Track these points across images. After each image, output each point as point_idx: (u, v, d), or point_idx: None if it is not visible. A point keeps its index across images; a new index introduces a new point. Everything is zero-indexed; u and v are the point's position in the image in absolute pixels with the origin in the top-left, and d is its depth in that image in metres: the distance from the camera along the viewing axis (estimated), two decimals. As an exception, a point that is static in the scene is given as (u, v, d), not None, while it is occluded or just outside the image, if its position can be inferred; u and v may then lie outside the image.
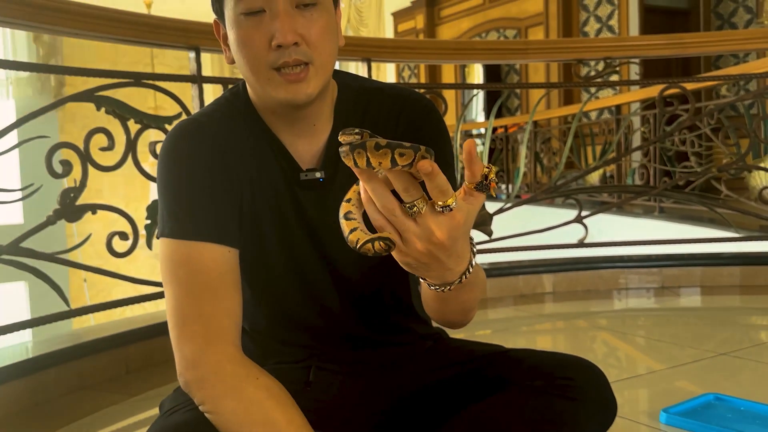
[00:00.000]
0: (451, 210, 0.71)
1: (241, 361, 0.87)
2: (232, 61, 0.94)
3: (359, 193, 0.74)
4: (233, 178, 0.94)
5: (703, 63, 7.12)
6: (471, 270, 0.80)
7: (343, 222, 0.74)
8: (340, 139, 0.70)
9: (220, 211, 0.92)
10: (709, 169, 3.38)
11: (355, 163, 0.68)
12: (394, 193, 0.71)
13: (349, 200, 0.74)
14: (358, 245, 0.72)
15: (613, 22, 7.47)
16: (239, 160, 0.95)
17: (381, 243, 0.71)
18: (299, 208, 0.98)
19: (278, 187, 0.97)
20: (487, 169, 0.70)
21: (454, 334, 1.14)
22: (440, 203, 0.70)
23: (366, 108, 1.01)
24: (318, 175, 0.98)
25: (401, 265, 0.77)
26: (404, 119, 1.00)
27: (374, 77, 2.44)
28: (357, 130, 0.70)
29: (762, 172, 3.57)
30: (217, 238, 0.90)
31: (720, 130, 3.45)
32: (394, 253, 0.74)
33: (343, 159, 0.69)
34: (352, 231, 0.73)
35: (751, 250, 2.99)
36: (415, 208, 0.70)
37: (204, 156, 0.93)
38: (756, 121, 3.59)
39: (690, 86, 3.05)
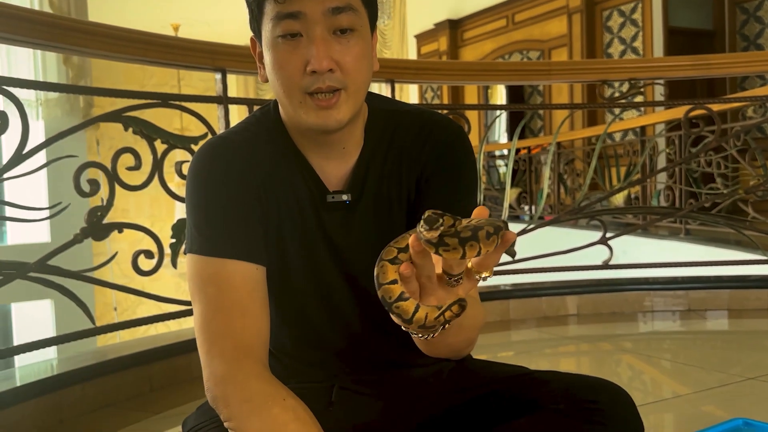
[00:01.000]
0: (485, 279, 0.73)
1: (269, 380, 0.87)
2: (266, 80, 0.95)
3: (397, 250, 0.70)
4: (260, 197, 0.95)
5: (729, 84, 7.07)
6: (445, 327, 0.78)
7: (391, 287, 0.69)
8: (423, 224, 0.65)
9: (248, 230, 0.93)
10: (735, 191, 3.34)
11: (437, 252, 0.64)
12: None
13: (392, 260, 0.69)
14: (427, 320, 0.68)
15: (638, 44, 7.46)
16: (266, 180, 0.96)
17: (455, 307, 0.68)
18: (324, 230, 0.99)
19: (304, 207, 0.98)
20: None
21: (477, 354, 1.13)
22: (482, 275, 0.70)
23: (394, 131, 1.01)
24: (345, 197, 0.98)
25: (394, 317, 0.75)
26: (431, 144, 1.00)
27: (397, 98, 2.47)
28: (440, 220, 0.64)
29: (790, 194, 3.52)
30: (246, 256, 0.91)
31: (746, 152, 3.41)
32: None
33: (426, 248, 0.66)
34: (403, 299, 0.68)
35: (780, 273, 2.94)
36: (458, 280, 0.69)
37: (233, 174, 0.94)
38: (783, 143, 3.55)
39: (716, 107, 3.02)
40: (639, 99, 3.35)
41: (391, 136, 1.01)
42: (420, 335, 0.74)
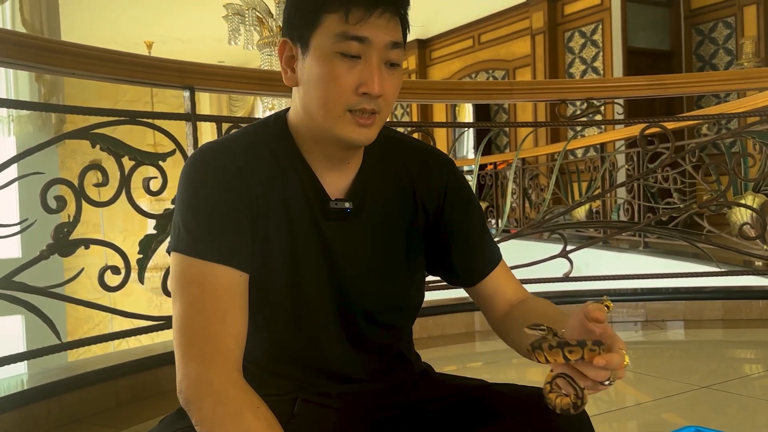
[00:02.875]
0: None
1: (244, 387, 0.88)
2: (294, 84, 0.98)
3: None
4: (252, 205, 0.96)
5: (686, 103, 7.27)
6: None
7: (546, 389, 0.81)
8: (527, 330, 0.82)
9: (236, 236, 0.94)
10: (690, 206, 3.45)
11: (537, 360, 0.78)
12: None
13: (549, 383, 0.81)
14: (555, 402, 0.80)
15: (598, 64, 7.65)
16: (261, 188, 0.97)
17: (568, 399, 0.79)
18: (322, 239, 1.00)
19: (301, 215, 0.99)
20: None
21: (445, 366, 1.17)
22: (607, 382, 0.79)
23: (394, 153, 1.07)
24: (347, 205, 1.00)
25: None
26: (433, 174, 1.07)
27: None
28: (543, 327, 0.81)
29: (743, 209, 3.65)
30: (232, 262, 0.92)
31: (701, 167, 3.53)
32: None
33: (529, 353, 0.79)
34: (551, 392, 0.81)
35: (733, 285, 3.04)
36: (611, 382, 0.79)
37: (226, 179, 0.95)
38: (736, 159, 3.68)
39: (671, 125, 3.13)
40: (598, 117, 3.45)
41: (390, 158, 1.06)
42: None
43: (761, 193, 3.73)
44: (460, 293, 1.15)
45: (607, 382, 0.78)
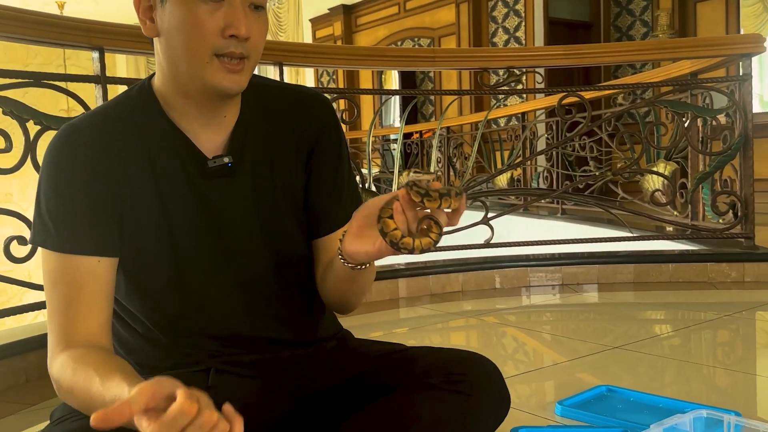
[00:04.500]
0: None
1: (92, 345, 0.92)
2: (154, 35, 0.94)
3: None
4: (110, 187, 0.94)
5: (603, 73, 7.48)
6: None
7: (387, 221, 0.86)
8: (412, 175, 0.84)
9: (94, 221, 0.93)
10: (605, 173, 3.56)
11: (421, 201, 0.84)
12: None
13: (390, 216, 0.86)
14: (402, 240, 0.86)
15: (520, 34, 7.75)
16: (121, 166, 0.95)
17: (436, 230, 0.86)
18: (201, 200, 0.98)
19: (174, 182, 0.97)
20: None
21: (372, 332, 1.17)
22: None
23: (270, 102, 1.04)
24: (226, 160, 0.98)
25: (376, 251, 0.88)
26: (316, 118, 1.05)
27: (292, 81, 2.43)
28: (428, 172, 0.87)
29: (655, 176, 3.79)
30: (85, 251, 0.92)
31: (616, 136, 3.64)
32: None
33: (409, 194, 0.83)
34: (403, 237, 0.86)
35: (645, 249, 3.16)
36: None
37: (79, 164, 0.93)
38: (649, 128, 3.81)
39: (588, 95, 3.21)
40: (519, 86, 3.50)
41: (267, 107, 1.03)
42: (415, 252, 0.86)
43: (672, 161, 3.89)
44: (384, 260, 1.15)
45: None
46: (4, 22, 1.96)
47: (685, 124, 3.31)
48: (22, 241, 1.92)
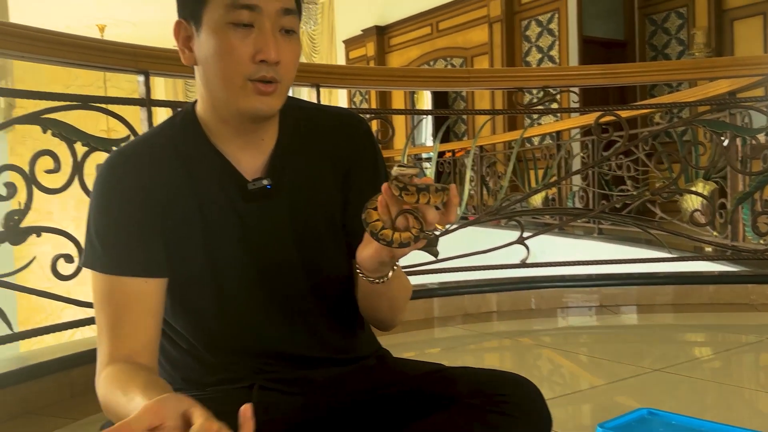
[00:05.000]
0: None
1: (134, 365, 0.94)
2: (193, 63, 0.98)
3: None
4: (156, 211, 0.98)
5: (639, 92, 7.42)
6: (395, 268, 0.95)
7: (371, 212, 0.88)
8: (396, 169, 0.85)
9: (141, 243, 0.96)
10: (643, 193, 3.52)
11: (400, 195, 0.85)
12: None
13: (375, 208, 0.88)
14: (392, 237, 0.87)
15: (554, 53, 7.73)
16: (164, 191, 0.98)
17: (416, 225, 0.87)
18: (241, 223, 1.00)
19: (215, 205, 1.00)
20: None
21: (405, 352, 1.17)
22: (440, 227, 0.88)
23: (309, 123, 1.07)
24: (265, 182, 1.01)
25: (376, 260, 0.90)
26: (351, 140, 1.07)
27: (327, 102, 2.48)
28: (411, 166, 0.87)
29: (694, 196, 3.74)
30: (132, 272, 0.95)
31: (654, 155, 3.60)
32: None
33: (391, 187, 0.85)
34: (384, 229, 0.88)
35: (684, 270, 3.12)
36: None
37: (126, 189, 0.97)
38: (687, 147, 3.77)
39: (625, 114, 3.18)
40: (554, 105, 3.49)
41: (305, 129, 1.06)
42: (395, 255, 0.88)
43: (711, 181, 3.83)
44: (418, 279, 1.16)
45: (437, 231, 0.89)
46: (56, 48, 2.03)
47: (724, 144, 3.26)
48: (68, 258, 1.98)
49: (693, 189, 3.73)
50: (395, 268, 0.94)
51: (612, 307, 2.96)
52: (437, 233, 0.88)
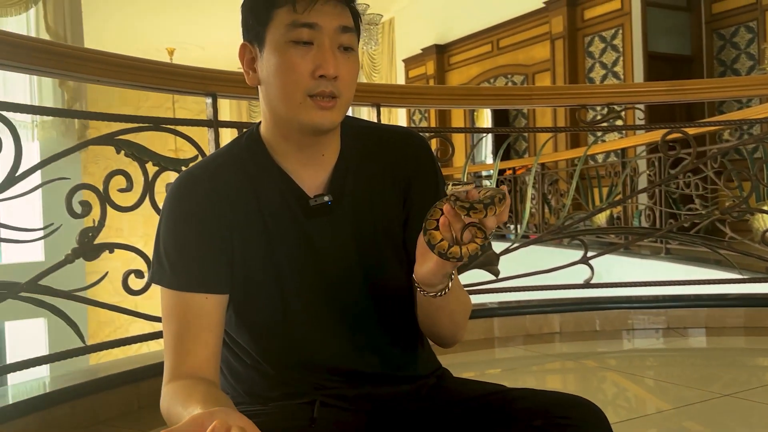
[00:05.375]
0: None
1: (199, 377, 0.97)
2: (257, 84, 1.02)
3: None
4: (222, 228, 1.01)
5: (707, 108, 7.21)
6: (453, 278, 0.97)
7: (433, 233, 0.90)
8: (451, 188, 0.89)
9: (204, 261, 1.00)
10: (712, 212, 3.42)
11: (467, 214, 0.88)
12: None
13: (435, 228, 0.90)
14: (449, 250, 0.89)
15: (618, 69, 7.60)
16: (230, 208, 1.02)
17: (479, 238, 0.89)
18: (304, 238, 1.03)
19: (279, 221, 1.03)
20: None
21: (465, 371, 1.17)
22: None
23: (369, 142, 1.09)
24: (326, 198, 1.03)
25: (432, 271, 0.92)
26: (407, 153, 1.09)
27: (386, 121, 2.52)
28: (466, 182, 0.90)
29: (765, 215, 3.61)
30: (195, 288, 0.99)
31: (723, 173, 3.49)
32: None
33: (455, 207, 0.87)
34: (450, 246, 0.90)
35: (756, 292, 3.00)
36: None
37: (194, 209, 1.01)
38: (758, 165, 3.64)
39: (692, 131, 3.10)
40: (619, 122, 3.44)
41: (366, 148, 1.08)
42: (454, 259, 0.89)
43: (784, 199, 3.69)
44: (478, 298, 1.16)
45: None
46: (130, 72, 2.12)
47: (799, 161, 3.14)
48: (138, 274, 2.05)
49: (765, 208, 3.60)
50: (453, 277, 0.96)
51: (680, 330, 2.87)
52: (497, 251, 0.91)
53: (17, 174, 1.84)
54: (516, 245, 2.87)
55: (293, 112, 0.98)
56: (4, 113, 1.83)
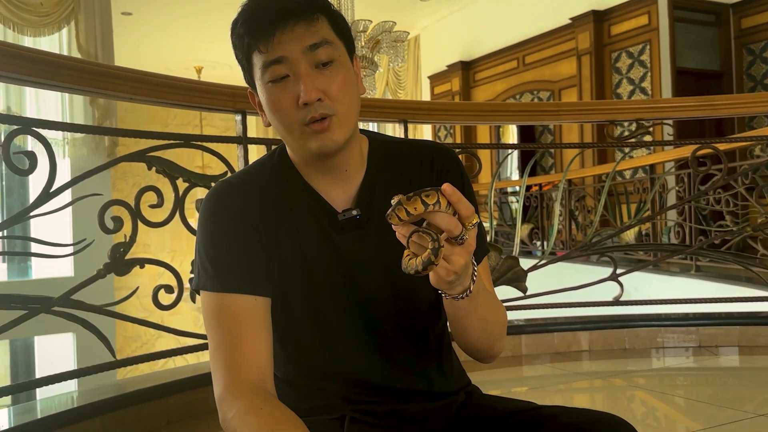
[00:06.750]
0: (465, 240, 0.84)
1: (265, 391, 0.96)
2: (268, 124, 1.04)
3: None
4: (260, 236, 1.02)
5: (737, 123, 7.12)
6: (475, 279, 0.92)
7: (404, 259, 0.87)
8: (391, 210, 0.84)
9: (247, 265, 1.00)
10: (744, 228, 3.36)
11: (399, 218, 0.83)
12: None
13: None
14: (409, 264, 0.85)
15: (646, 84, 7.54)
16: (265, 219, 1.03)
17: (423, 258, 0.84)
18: (335, 252, 1.04)
19: (311, 235, 1.04)
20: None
21: (491, 389, 1.16)
22: (471, 222, 0.84)
23: (397, 158, 1.10)
24: (354, 212, 1.04)
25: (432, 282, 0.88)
26: (437, 169, 1.09)
27: (412, 137, 2.54)
28: (399, 197, 0.84)
29: (800, 232, 3.53)
30: (242, 289, 0.99)
31: (755, 190, 3.44)
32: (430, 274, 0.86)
33: (389, 221, 0.84)
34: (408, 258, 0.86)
35: (791, 310, 2.94)
36: (463, 238, 0.84)
37: (231, 214, 1.02)
38: (791, 181, 3.57)
39: (723, 146, 3.07)
40: (647, 138, 3.41)
41: (394, 162, 1.09)
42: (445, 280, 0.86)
43: (818, 216, 3.61)
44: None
45: (460, 240, 0.84)
46: (161, 90, 2.16)
47: (833, 177, 3.08)
48: (168, 289, 2.08)
49: (799, 225, 3.52)
50: (474, 278, 0.92)
51: (711, 348, 2.82)
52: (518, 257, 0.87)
53: (52, 190, 1.87)
54: (543, 262, 2.85)
55: (297, 144, 1.00)
56: (40, 130, 1.88)
